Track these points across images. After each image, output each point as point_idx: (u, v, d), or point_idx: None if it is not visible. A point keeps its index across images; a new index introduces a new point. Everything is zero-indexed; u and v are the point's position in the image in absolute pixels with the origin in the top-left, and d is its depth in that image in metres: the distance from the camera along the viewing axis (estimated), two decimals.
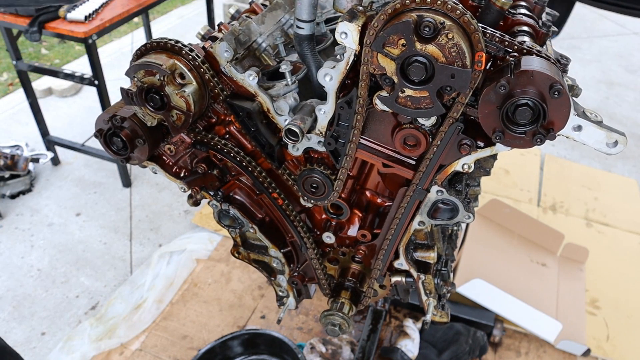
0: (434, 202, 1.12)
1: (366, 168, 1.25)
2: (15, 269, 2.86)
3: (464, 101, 0.93)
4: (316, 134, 1.09)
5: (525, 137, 0.90)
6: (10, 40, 3.01)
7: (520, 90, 0.86)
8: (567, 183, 3.60)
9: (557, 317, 2.53)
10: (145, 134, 1.11)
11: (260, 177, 1.22)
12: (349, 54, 0.96)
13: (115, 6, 3.02)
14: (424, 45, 0.85)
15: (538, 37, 1.05)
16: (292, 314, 2.63)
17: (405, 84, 0.90)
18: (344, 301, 1.35)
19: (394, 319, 2.61)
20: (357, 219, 1.30)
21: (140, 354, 2.43)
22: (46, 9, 2.81)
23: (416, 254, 1.27)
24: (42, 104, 3.57)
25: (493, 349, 2.53)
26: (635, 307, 2.78)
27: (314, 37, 1.10)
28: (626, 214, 3.39)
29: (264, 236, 1.33)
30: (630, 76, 5.21)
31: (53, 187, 3.42)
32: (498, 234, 2.93)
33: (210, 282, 2.78)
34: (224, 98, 1.11)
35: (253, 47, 1.17)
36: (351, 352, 2.37)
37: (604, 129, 0.89)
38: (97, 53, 2.91)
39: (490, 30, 0.91)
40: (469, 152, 1.00)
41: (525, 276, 2.73)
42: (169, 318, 2.59)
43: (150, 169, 1.25)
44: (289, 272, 1.41)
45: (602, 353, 2.54)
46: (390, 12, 0.86)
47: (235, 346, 2.27)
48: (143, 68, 1.03)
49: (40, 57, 5.19)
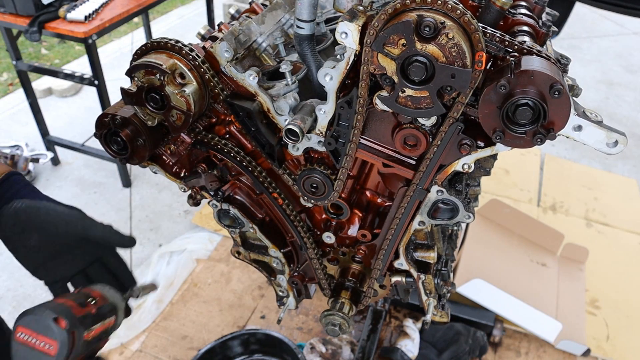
0: (434, 202, 1.12)
1: (366, 168, 1.25)
2: (15, 269, 2.86)
3: (464, 101, 0.93)
4: (316, 134, 1.09)
5: (526, 137, 0.90)
6: (10, 40, 3.01)
7: (520, 90, 0.86)
8: (567, 183, 3.60)
9: (557, 317, 2.53)
10: (146, 134, 1.11)
11: (260, 177, 1.22)
12: (349, 53, 0.96)
13: (115, 6, 3.02)
14: (424, 45, 0.85)
15: (538, 37, 1.05)
16: (292, 314, 2.63)
17: (406, 83, 0.90)
18: (344, 301, 1.35)
19: (394, 319, 2.62)
20: (357, 218, 1.30)
21: (140, 354, 2.43)
22: (46, 8, 2.81)
23: (416, 254, 1.27)
24: (42, 104, 3.57)
25: (493, 349, 2.53)
26: (635, 307, 2.78)
27: (314, 37, 1.10)
28: (626, 214, 3.39)
29: (264, 236, 1.33)
30: (630, 76, 5.21)
31: (53, 187, 3.42)
32: (498, 234, 2.93)
33: (210, 282, 2.78)
34: (224, 98, 1.11)
35: (253, 47, 1.17)
36: (351, 352, 2.37)
37: (604, 129, 0.89)
38: (97, 53, 2.91)
39: (490, 30, 0.91)
40: (469, 152, 1.00)
41: (525, 276, 2.73)
42: (169, 318, 2.59)
43: (150, 169, 1.25)
44: (289, 272, 1.41)
45: (602, 353, 2.54)
46: (390, 12, 0.86)
47: (235, 346, 2.27)
48: (143, 68, 1.03)
49: (40, 57, 5.19)
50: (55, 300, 0.88)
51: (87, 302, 0.91)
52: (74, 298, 0.90)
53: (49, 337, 0.81)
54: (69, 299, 0.89)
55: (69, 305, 0.86)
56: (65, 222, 0.99)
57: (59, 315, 0.82)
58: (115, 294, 1.00)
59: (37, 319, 0.81)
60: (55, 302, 0.87)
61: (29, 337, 0.81)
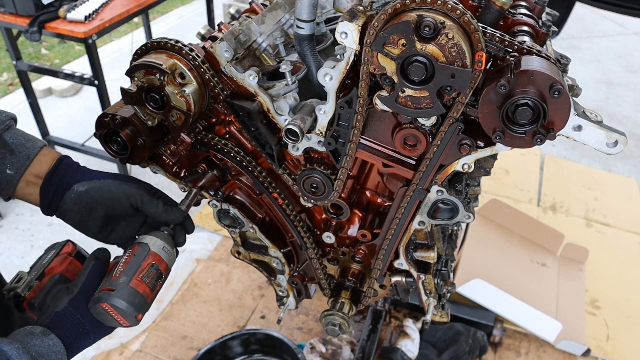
0: (434, 202, 1.12)
1: (366, 168, 1.25)
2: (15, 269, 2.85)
3: (464, 101, 0.93)
4: (316, 134, 1.09)
5: (526, 137, 0.90)
6: (10, 40, 3.01)
7: (520, 90, 0.86)
8: (567, 183, 3.60)
9: (557, 317, 2.53)
10: (146, 134, 1.11)
11: (260, 177, 1.22)
12: (349, 53, 0.96)
13: (115, 6, 3.02)
14: (424, 45, 0.85)
15: (538, 37, 1.05)
16: (292, 314, 2.63)
17: (406, 83, 0.90)
18: (344, 301, 1.35)
19: (394, 319, 2.62)
20: (357, 218, 1.30)
21: (140, 354, 2.43)
22: (46, 8, 2.81)
23: (416, 254, 1.27)
24: (42, 104, 3.57)
25: (493, 349, 2.53)
26: (635, 307, 2.78)
27: (314, 37, 1.10)
28: (626, 214, 3.39)
29: (264, 236, 1.33)
30: (630, 76, 5.21)
31: None
32: (498, 234, 2.93)
33: (210, 282, 2.78)
34: (224, 98, 1.11)
35: (253, 47, 1.17)
36: (351, 352, 2.38)
37: (604, 129, 0.88)
38: (97, 53, 2.92)
39: (490, 30, 0.91)
40: (469, 152, 1.00)
41: (525, 276, 2.73)
42: (169, 318, 2.59)
43: (151, 169, 1.26)
44: (289, 272, 1.41)
45: (602, 353, 2.54)
46: (390, 12, 0.86)
47: (235, 346, 2.27)
48: (143, 68, 1.03)
49: (40, 57, 5.19)
50: (137, 287, 1.02)
51: (157, 284, 1.06)
52: (150, 281, 1.04)
53: (126, 320, 1.00)
54: (147, 286, 1.03)
55: (146, 295, 1.03)
56: (126, 195, 1.10)
57: (138, 312, 1.00)
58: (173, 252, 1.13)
59: (122, 310, 0.98)
60: (138, 293, 1.01)
61: (112, 312, 0.99)
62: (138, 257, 1.05)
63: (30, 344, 0.89)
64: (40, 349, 0.90)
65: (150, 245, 1.07)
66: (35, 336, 0.91)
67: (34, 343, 0.90)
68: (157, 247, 1.08)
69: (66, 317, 0.98)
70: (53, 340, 0.93)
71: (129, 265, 1.03)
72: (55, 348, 0.92)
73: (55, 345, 0.92)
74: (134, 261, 1.04)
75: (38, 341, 0.91)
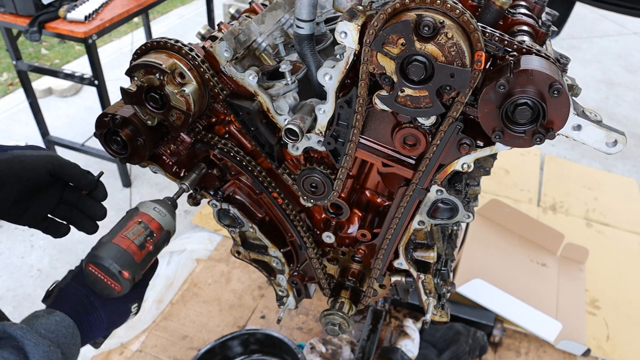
0: (433, 201, 1.12)
1: (366, 167, 1.25)
2: (15, 269, 2.86)
3: (464, 100, 0.93)
4: (316, 134, 1.10)
5: (525, 137, 0.90)
6: (10, 40, 3.01)
7: (519, 89, 0.86)
8: (567, 183, 3.60)
9: (557, 317, 2.53)
10: (145, 134, 1.12)
11: (260, 177, 1.22)
12: (349, 53, 0.96)
13: (115, 6, 3.02)
14: (424, 45, 0.85)
15: (538, 36, 1.05)
16: (292, 314, 2.63)
17: (405, 83, 0.90)
18: (343, 301, 1.35)
19: (394, 319, 2.62)
20: (356, 218, 1.30)
21: (140, 354, 2.43)
22: (46, 8, 2.81)
23: (416, 254, 1.27)
24: (42, 104, 3.57)
25: (493, 349, 2.53)
26: (635, 307, 2.78)
27: (313, 37, 1.10)
28: (626, 214, 3.39)
29: (264, 236, 1.33)
30: (630, 76, 5.21)
31: None
32: (498, 234, 2.93)
33: (210, 282, 2.78)
34: (223, 97, 1.12)
35: (253, 46, 1.17)
36: (351, 352, 2.37)
37: (604, 129, 0.89)
38: (97, 53, 2.92)
39: (489, 30, 0.91)
40: (468, 151, 1.00)
41: (525, 276, 2.73)
42: (169, 318, 2.59)
43: (150, 168, 1.26)
44: (288, 271, 1.41)
45: (602, 353, 2.54)
46: (389, 12, 0.87)
47: (235, 346, 2.27)
48: (143, 67, 1.03)
49: (40, 57, 5.20)
50: (120, 243, 0.97)
51: (146, 242, 1.00)
52: (136, 238, 0.99)
53: (114, 281, 0.95)
54: (132, 242, 0.98)
55: (131, 251, 0.97)
56: (42, 161, 1.02)
57: (122, 268, 0.95)
58: (169, 215, 1.07)
59: (105, 268, 0.94)
60: (120, 249, 0.96)
61: (98, 274, 0.95)
62: (125, 219, 1.02)
63: (36, 323, 0.86)
64: (49, 326, 0.86)
65: (139, 207, 1.05)
66: (40, 317, 0.88)
67: (40, 322, 0.86)
68: (147, 207, 1.04)
69: (70, 293, 0.95)
70: (60, 316, 0.89)
71: (115, 226, 1.01)
72: (64, 322, 0.89)
73: (63, 320, 0.89)
74: (120, 223, 1.01)
75: (44, 320, 0.88)
